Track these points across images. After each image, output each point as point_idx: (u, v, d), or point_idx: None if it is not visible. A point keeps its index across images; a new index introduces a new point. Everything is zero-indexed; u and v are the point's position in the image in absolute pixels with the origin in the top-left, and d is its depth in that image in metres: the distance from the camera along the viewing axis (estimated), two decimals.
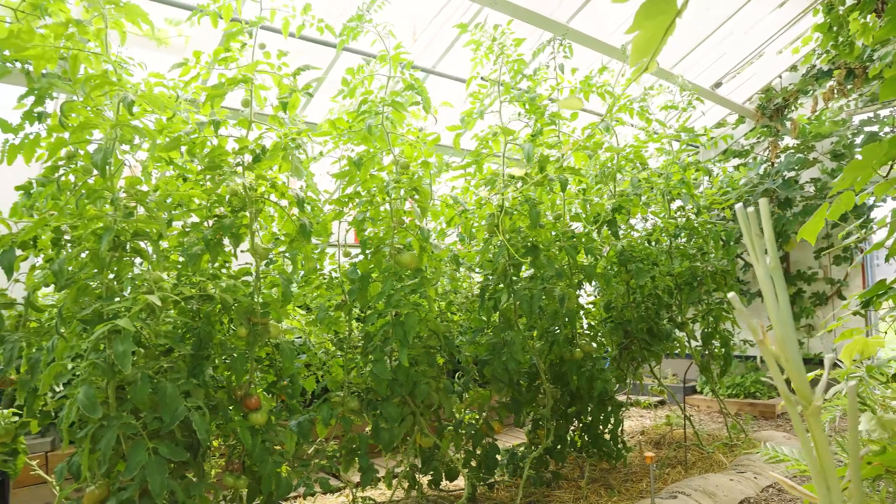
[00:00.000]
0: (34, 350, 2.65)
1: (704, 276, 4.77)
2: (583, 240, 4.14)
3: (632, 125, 4.74)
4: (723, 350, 5.05)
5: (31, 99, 2.61)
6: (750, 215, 1.41)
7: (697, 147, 5.19)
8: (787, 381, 1.17)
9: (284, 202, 3.02)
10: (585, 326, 4.49)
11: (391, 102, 3.25)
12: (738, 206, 1.21)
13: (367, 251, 3.39)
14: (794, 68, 6.47)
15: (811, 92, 6.50)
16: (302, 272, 3.35)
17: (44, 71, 2.54)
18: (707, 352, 5.17)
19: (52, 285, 2.62)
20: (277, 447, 2.95)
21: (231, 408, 2.80)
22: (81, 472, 2.27)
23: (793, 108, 6.59)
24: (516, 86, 3.84)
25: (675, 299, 4.78)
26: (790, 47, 6.03)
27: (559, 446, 4.16)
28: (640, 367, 4.53)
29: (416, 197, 3.40)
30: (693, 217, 4.82)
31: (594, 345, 4.35)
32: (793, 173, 6.65)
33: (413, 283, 3.29)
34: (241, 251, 2.95)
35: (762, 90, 6.61)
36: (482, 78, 3.89)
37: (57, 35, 2.46)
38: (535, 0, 4.23)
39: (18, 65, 2.60)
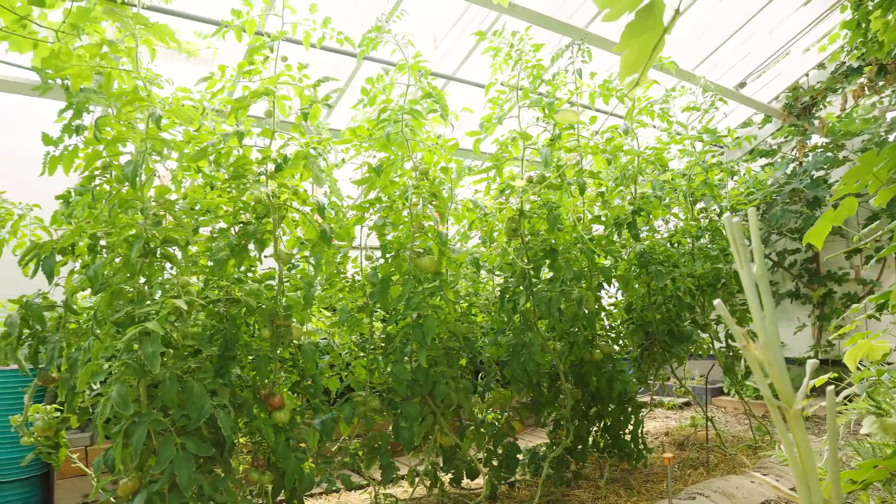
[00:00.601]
0: (73, 350, 2.82)
1: (727, 277, 4.76)
2: (602, 242, 4.19)
3: (654, 126, 4.75)
4: None
5: (70, 113, 2.77)
6: (734, 225, 1.47)
7: (722, 147, 5.17)
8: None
9: (307, 209, 3.13)
10: (607, 327, 4.52)
11: (409, 111, 3.34)
12: (727, 215, 1.27)
13: (388, 255, 3.49)
14: (821, 66, 6.39)
15: (840, 89, 6.41)
16: (325, 275, 3.46)
17: (81, 87, 2.70)
18: (731, 353, 5.16)
19: (89, 289, 2.78)
20: (301, 444, 3.07)
21: (256, 406, 2.92)
22: (116, 465, 2.41)
23: (821, 106, 6.50)
24: (535, 90, 3.90)
25: (698, 301, 4.78)
26: (817, 45, 5.96)
27: (580, 446, 4.21)
28: (661, 368, 4.54)
29: (435, 202, 3.50)
30: (716, 218, 4.82)
31: (615, 346, 4.39)
32: (821, 172, 6.56)
33: (432, 287, 3.38)
34: (266, 256, 3.08)
35: (789, 89, 6.53)
36: (501, 83, 3.96)
37: (92, 54, 2.61)
38: (553, 6, 4.29)
39: (59, 81, 2.76)
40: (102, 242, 2.77)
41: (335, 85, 3.14)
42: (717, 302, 1.51)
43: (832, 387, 1.28)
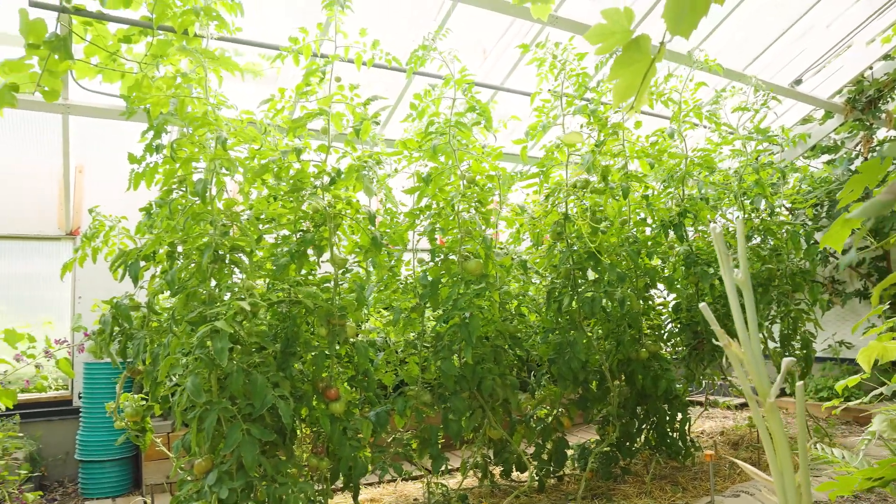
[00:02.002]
0: (155, 345, 3.18)
1: (780, 277, 4.75)
2: (648, 244, 4.28)
3: (704, 127, 4.78)
4: (804, 352, 5.00)
5: (151, 134, 3.12)
6: (717, 234, 1.63)
7: (780, 146, 5.12)
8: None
9: (360, 217, 3.39)
10: (655, 327, 4.60)
11: (456, 123, 3.56)
12: (712, 225, 1.44)
13: (437, 258, 3.72)
14: (887, 57, 6.18)
15: None
16: (379, 278, 3.72)
17: (160, 113, 3.05)
18: (787, 353, 5.12)
19: (168, 292, 3.13)
20: (359, 435, 3.33)
21: (315, 398, 3.21)
22: (191, 447, 2.74)
23: (888, 98, 6.29)
24: (581, 97, 4.03)
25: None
26: (881, 36, 5.78)
27: (627, 443, 4.33)
28: (710, 367, 4.59)
29: (482, 209, 3.70)
30: (768, 218, 4.81)
31: (663, 345, 4.47)
32: (892, 167, 6.35)
33: (478, 288, 3.60)
34: (324, 261, 3.37)
35: (852, 82, 6.35)
36: (548, 91, 4.11)
37: (168, 84, 2.95)
38: (595, 16, 4.40)
39: (141, 107, 3.12)
40: (179, 249, 3.11)
41: (384, 103, 3.37)
42: (702, 305, 1.67)
43: (800, 383, 1.41)
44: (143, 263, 3.16)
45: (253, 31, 4.00)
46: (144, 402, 3.45)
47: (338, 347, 3.32)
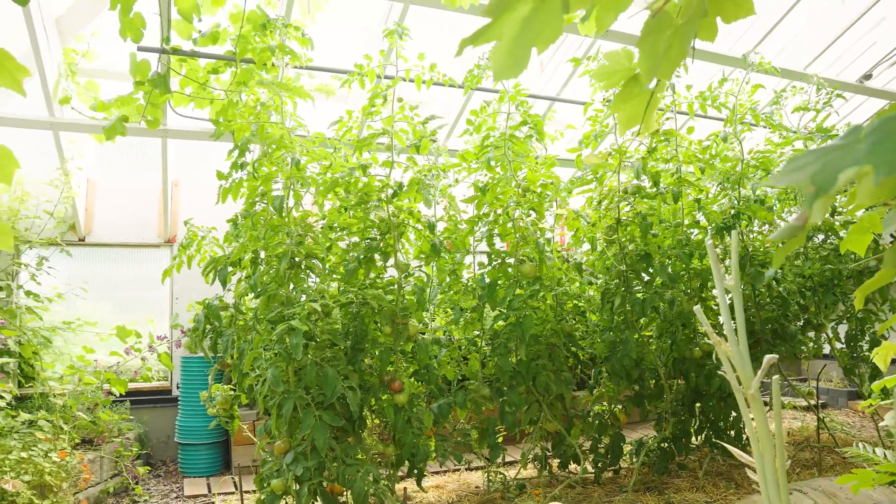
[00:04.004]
0: (242, 342, 3.59)
1: (843, 276, 4.73)
2: (703, 246, 4.39)
3: (763, 128, 4.82)
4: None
5: (236, 153, 3.54)
6: (710, 245, 1.84)
7: None
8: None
9: (420, 226, 3.70)
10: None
11: (510, 137, 3.81)
12: (707, 239, 1.65)
13: (495, 262, 3.98)
14: None
15: None
16: (441, 281, 4.02)
17: (243, 136, 3.46)
18: (856, 354, 5.07)
19: (252, 294, 3.54)
20: (422, 423, 3.64)
21: (381, 390, 3.54)
22: (272, 430, 3.13)
23: None
24: None
25: (811, 301, 4.78)
26: None
27: (683, 439, 4.45)
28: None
29: (536, 216, 3.94)
30: (829, 217, 4.79)
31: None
32: None
33: (531, 290, 3.84)
34: (389, 265, 3.69)
35: None
36: (601, 100, 4.29)
37: (249, 112, 3.35)
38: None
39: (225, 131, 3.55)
40: (262, 256, 3.51)
41: (440, 121, 3.66)
42: (696, 308, 1.88)
43: (776, 376, 1.60)
44: (230, 269, 3.57)
45: (326, 56, 4.39)
46: (233, 392, 3.88)
47: (402, 344, 3.64)
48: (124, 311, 5.73)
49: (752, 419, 1.75)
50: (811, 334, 5.09)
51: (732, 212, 4.31)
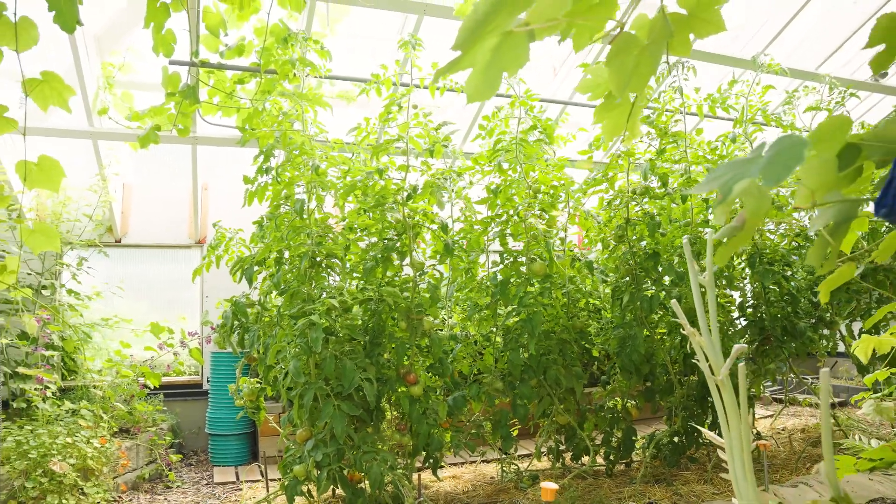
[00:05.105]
0: (267, 337, 3.81)
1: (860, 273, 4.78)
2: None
3: (775, 127, 4.90)
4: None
5: (261, 158, 3.76)
6: (686, 244, 1.99)
7: None
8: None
9: (434, 227, 3.88)
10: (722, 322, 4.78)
11: (520, 141, 3.98)
12: (684, 238, 1.80)
13: (507, 261, 4.15)
14: None
15: None
16: (454, 279, 4.20)
17: (267, 143, 3.68)
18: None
19: (276, 292, 3.76)
20: (438, 415, 3.82)
21: (397, 382, 3.73)
22: (294, 419, 3.34)
23: None
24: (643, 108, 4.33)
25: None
26: None
27: (694, 433, 4.56)
28: (775, 362, 4.71)
29: (545, 217, 4.10)
30: None
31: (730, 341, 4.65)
32: None
33: (542, 288, 4.00)
34: (406, 264, 3.88)
35: None
36: None
37: (272, 120, 3.57)
38: None
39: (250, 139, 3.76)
40: (286, 255, 3.73)
41: (453, 127, 3.84)
42: (672, 302, 2.04)
43: (742, 363, 1.74)
44: (256, 268, 3.80)
45: (346, 64, 4.61)
46: (259, 385, 4.11)
47: (417, 339, 3.82)
48: (158, 308, 6.01)
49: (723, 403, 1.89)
50: (826, 332, 5.15)
51: None
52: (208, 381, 5.31)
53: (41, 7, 2.04)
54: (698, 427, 2.02)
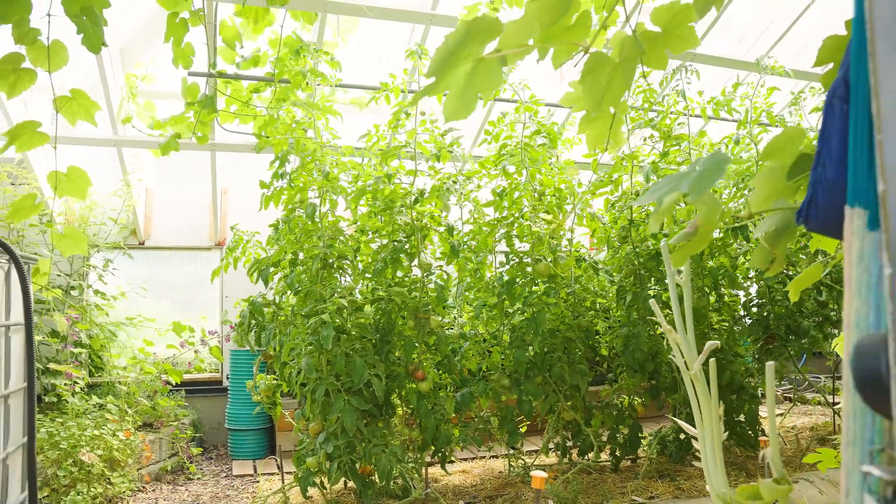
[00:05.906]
0: (282, 335, 3.98)
1: None
2: (718, 245, 4.59)
3: (780, 128, 4.98)
4: None
5: (276, 164, 3.93)
6: (664, 247, 2.11)
7: None
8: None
9: (441, 229, 4.03)
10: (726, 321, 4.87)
11: (525, 146, 4.11)
12: (662, 241, 1.93)
13: (513, 261, 4.28)
14: None
15: None
16: (461, 279, 4.34)
17: (281, 150, 3.85)
18: None
19: (290, 292, 3.93)
20: (446, 411, 3.97)
21: (406, 379, 3.89)
22: (307, 413, 3.51)
23: None
24: (648, 110, 4.44)
25: (830, 297, 4.92)
26: None
27: None
28: (779, 360, 4.79)
29: (550, 218, 4.22)
30: None
31: (736, 340, 4.74)
32: None
33: (546, 287, 4.13)
34: (415, 265, 4.03)
35: None
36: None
37: (285, 128, 3.74)
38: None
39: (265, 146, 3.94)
40: (301, 256, 3.90)
41: (457, 133, 3.99)
42: (651, 301, 2.16)
43: (700, 359, 1.86)
44: (271, 269, 3.97)
45: (357, 72, 4.78)
46: (275, 381, 4.29)
47: (425, 337, 3.97)
48: (180, 308, 6.23)
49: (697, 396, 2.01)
50: (835, 331, 5.21)
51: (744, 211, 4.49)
52: (228, 379, 5.51)
53: (70, 27, 2.21)
54: (677, 421, 2.14)
